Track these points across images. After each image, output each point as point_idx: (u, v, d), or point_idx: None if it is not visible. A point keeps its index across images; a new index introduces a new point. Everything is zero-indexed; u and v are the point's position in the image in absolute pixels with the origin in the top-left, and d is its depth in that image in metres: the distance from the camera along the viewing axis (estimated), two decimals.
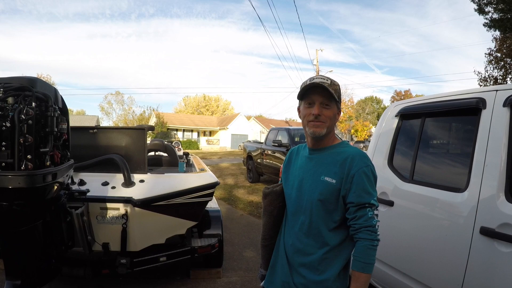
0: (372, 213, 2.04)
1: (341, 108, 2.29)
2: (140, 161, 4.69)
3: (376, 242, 2.02)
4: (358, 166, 2.08)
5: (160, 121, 54.97)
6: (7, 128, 2.63)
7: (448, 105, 3.25)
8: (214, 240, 5.19)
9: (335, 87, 2.18)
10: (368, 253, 2.01)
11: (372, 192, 2.07)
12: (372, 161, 3.81)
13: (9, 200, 2.74)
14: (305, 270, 2.17)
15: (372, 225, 2.01)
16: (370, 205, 2.04)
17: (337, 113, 2.23)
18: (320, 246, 2.15)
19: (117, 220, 4.14)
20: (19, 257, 3.26)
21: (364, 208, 2.04)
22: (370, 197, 2.05)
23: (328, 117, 2.16)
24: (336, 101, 2.18)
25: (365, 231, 2.01)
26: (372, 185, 2.10)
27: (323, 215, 2.15)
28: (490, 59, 26.06)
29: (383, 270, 3.57)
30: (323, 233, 2.15)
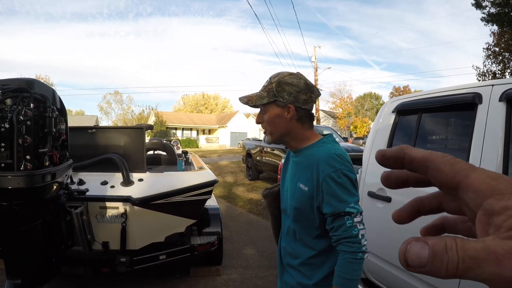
0: (352, 222, 1.79)
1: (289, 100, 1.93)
2: (138, 160, 4.71)
3: (361, 255, 1.78)
4: (324, 172, 1.85)
5: (159, 120, 54.89)
6: (6, 129, 2.65)
7: (444, 100, 3.26)
8: (213, 238, 5.21)
9: (271, 85, 1.95)
10: (349, 267, 1.79)
11: (346, 198, 1.81)
12: (369, 157, 3.85)
13: (9, 200, 2.76)
14: (293, 271, 2.10)
15: (352, 236, 1.78)
16: (346, 213, 1.79)
17: (283, 111, 1.95)
18: (306, 251, 2.02)
19: (117, 219, 4.16)
20: (19, 257, 3.27)
21: (340, 217, 1.81)
22: (344, 205, 1.80)
23: (268, 122, 1.99)
24: (272, 100, 1.94)
25: (345, 242, 1.80)
26: (346, 190, 1.83)
27: (304, 223, 2.01)
28: (488, 54, 26.07)
29: (382, 267, 3.59)
30: (306, 240, 2.02)
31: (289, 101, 1.92)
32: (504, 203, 0.34)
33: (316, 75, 35.50)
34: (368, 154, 3.95)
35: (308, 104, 1.97)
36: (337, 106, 63.47)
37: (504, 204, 0.34)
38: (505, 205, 0.34)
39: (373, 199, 3.67)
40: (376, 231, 3.68)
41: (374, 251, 3.68)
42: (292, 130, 1.99)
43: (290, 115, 1.94)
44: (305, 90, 1.94)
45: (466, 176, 0.38)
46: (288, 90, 1.92)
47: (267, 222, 8.62)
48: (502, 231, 0.33)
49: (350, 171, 1.87)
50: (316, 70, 35.71)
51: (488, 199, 0.36)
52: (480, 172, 0.38)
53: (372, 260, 3.71)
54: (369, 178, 3.83)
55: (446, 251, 0.33)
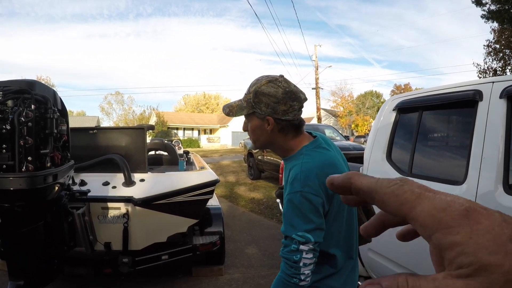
0: (297, 247, 1.66)
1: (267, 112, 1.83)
2: (140, 161, 4.71)
3: (295, 280, 1.66)
4: (287, 191, 1.78)
5: (160, 120, 54.92)
6: (7, 130, 2.65)
7: (445, 98, 3.26)
8: (215, 237, 5.21)
9: (248, 95, 1.88)
10: (278, 286, 1.73)
11: (297, 224, 1.70)
12: (371, 155, 3.85)
13: (11, 201, 2.77)
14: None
15: (291, 260, 1.67)
16: (290, 237, 1.69)
17: (262, 123, 1.88)
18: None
19: (119, 219, 4.16)
20: (21, 258, 3.28)
21: (289, 239, 1.70)
22: (292, 231, 1.69)
23: (251, 132, 1.96)
24: (251, 111, 1.89)
25: (285, 262, 1.70)
26: (299, 215, 1.71)
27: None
28: (489, 51, 26.11)
29: (383, 264, 3.58)
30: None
31: (267, 113, 1.83)
32: (451, 238, 0.34)
33: (317, 74, 35.48)
34: (369, 152, 3.95)
35: (288, 115, 1.84)
36: (338, 104, 63.39)
37: (451, 239, 0.34)
38: (453, 241, 0.33)
39: None
40: None
41: (376, 249, 3.68)
42: (275, 141, 1.92)
43: (270, 127, 1.86)
44: (283, 100, 1.81)
45: (411, 209, 0.37)
46: (265, 102, 1.82)
47: (269, 221, 8.63)
48: (453, 268, 0.33)
49: (313, 194, 1.71)
50: (317, 69, 35.65)
51: (435, 233, 0.35)
52: (426, 203, 0.37)
53: (374, 258, 3.71)
54: None
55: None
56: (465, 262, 0.32)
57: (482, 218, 0.34)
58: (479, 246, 0.32)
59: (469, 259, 0.32)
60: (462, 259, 0.32)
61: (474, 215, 0.34)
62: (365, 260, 3.87)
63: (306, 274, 1.66)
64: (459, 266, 0.32)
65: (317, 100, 35.87)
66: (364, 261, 3.91)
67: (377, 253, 3.65)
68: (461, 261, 0.32)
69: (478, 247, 0.32)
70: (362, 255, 3.90)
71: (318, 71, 35.73)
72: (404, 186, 0.39)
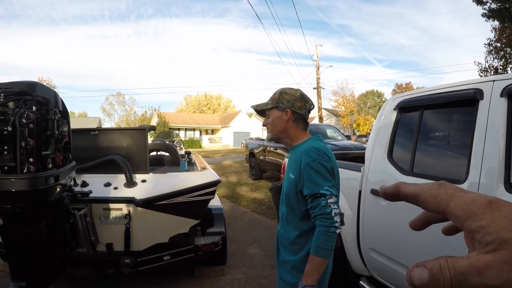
0: (326, 202, 2.18)
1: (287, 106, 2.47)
2: (141, 161, 4.72)
3: (333, 229, 2.16)
4: (305, 162, 2.27)
5: (162, 121, 54.98)
6: (9, 132, 2.66)
7: (445, 97, 3.25)
8: (217, 237, 5.21)
9: (274, 95, 2.53)
10: (322, 238, 2.16)
11: (321, 182, 2.21)
12: (372, 155, 3.85)
13: (12, 203, 2.77)
14: (283, 250, 2.54)
15: (326, 213, 2.17)
16: (321, 194, 2.19)
17: (282, 114, 2.48)
18: (293, 232, 2.43)
19: (120, 220, 4.17)
20: (23, 259, 3.29)
21: (317, 198, 2.20)
22: (319, 188, 2.19)
23: (270, 123, 2.53)
24: (274, 106, 2.50)
25: (320, 218, 2.18)
26: (321, 176, 2.23)
27: (292, 206, 2.43)
28: (490, 49, 26.11)
29: (386, 264, 3.58)
30: (294, 222, 2.43)
31: (287, 106, 2.46)
32: (478, 223, 0.43)
33: (318, 73, 35.46)
34: (370, 152, 3.94)
35: (302, 110, 2.49)
36: (339, 104, 63.44)
37: (478, 224, 0.43)
38: (479, 225, 0.43)
39: (376, 196, 3.66)
40: (379, 229, 3.68)
41: (378, 249, 3.68)
42: (288, 130, 2.50)
43: (287, 117, 2.47)
44: (300, 99, 2.49)
45: (446, 206, 0.47)
46: (286, 98, 2.47)
47: (271, 222, 8.64)
48: (482, 247, 0.42)
49: (325, 161, 2.27)
50: (318, 68, 35.59)
51: (466, 221, 0.45)
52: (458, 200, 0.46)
53: (376, 258, 3.70)
54: (372, 176, 3.82)
55: (441, 271, 0.42)
56: (490, 239, 0.41)
57: (502, 207, 0.43)
58: (500, 227, 0.42)
59: (492, 237, 0.41)
60: (487, 238, 0.42)
61: (496, 205, 0.44)
62: (367, 259, 3.87)
63: (338, 222, 2.19)
64: (486, 244, 0.42)
65: (319, 100, 35.83)
66: (366, 260, 3.91)
67: (379, 252, 3.65)
68: (486, 239, 0.42)
69: (499, 227, 0.42)
70: (364, 254, 3.90)
71: (320, 70, 35.70)
72: (440, 189, 0.49)
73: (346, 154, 8.65)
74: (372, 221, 3.78)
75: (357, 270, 4.15)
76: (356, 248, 4.02)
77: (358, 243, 3.98)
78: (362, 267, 4.03)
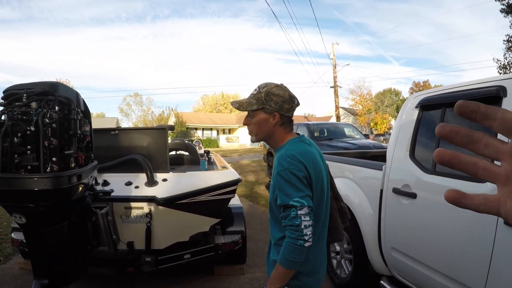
0: (296, 213, 2.08)
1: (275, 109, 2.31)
2: (162, 161, 4.75)
3: (301, 242, 2.07)
4: (276, 170, 2.22)
5: (179, 121, 55.13)
6: (32, 132, 2.70)
7: (468, 94, 3.21)
8: (237, 236, 5.21)
9: (259, 94, 2.32)
10: (288, 250, 2.10)
11: (290, 193, 2.12)
12: (394, 153, 3.82)
13: (36, 201, 2.81)
14: (273, 250, 2.49)
15: (294, 225, 2.08)
16: (291, 205, 2.10)
17: (269, 117, 2.32)
18: (278, 233, 2.36)
19: (141, 219, 4.20)
20: (46, 257, 3.32)
21: (287, 209, 2.13)
22: (288, 199, 2.11)
23: (254, 124, 2.36)
24: (260, 107, 2.31)
25: (289, 229, 2.10)
26: (291, 186, 2.14)
27: (273, 210, 2.39)
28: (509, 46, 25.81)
29: (407, 264, 3.55)
30: (277, 225, 2.35)
31: (275, 109, 2.30)
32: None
33: (335, 72, 35.29)
34: (392, 150, 3.91)
35: (290, 112, 2.37)
36: (356, 103, 63.16)
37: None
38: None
39: (397, 195, 3.64)
40: (400, 228, 3.66)
41: (399, 248, 3.66)
42: (274, 133, 2.37)
43: (275, 121, 2.32)
44: (288, 100, 2.34)
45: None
46: (274, 100, 2.30)
47: None
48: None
49: (297, 170, 2.15)
50: (335, 67, 35.42)
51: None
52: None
53: (397, 257, 3.68)
54: (394, 175, 3.79)
55: None
56: None
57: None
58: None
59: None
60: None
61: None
62: (388, 259, 3.84)
63: (308, 235, 2.08)
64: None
65: (336, 99, 35.71)
66: (387, 260, 3.88)
67: (401, 252, 3.62)
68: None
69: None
70: (385, 254, 3.88)
71: (336, 69, 35.53)
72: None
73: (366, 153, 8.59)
74: (393, 220, 3.75)
75: (378, 270, 4.12)
76: (377, 247, 3.99)
77: (379, 243, 3.95)
78: (383, 266, 4.01)
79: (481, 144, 0.50)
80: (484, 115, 0.49)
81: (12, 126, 2.69)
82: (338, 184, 4.79)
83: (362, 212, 4.23)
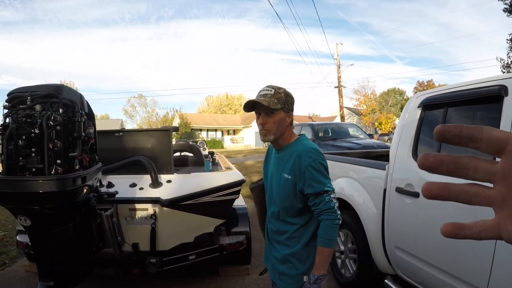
0: (329, 197, 2.35)
1: (290, 109, 2.53)
2: (166, 162, 4.76)
3: (337, 221, 2.34)
4: (305, 163, 2.38)
5: (183, 122, 55.12)
6: (36, 134, 2.71)
7: (469, 93, 3.22)
8: (242, 237, 5.22)
9: (279, 95, 2.45)
10: (330, 231, 2.33)
11: (323, 180, 2.37)
12: (396, 153, 3.83)
13: (41, 204, 2.83)
14: (279, 246, 2.64)
15: (330, 208, 2.34)
16: (325, 191, 2.34)
17: (286, 117, 2.49)
18: (291, 227, 2.56)
19: (146, 220, 4.21)
20: (51, 259, 3.34)
21: (320, 195, 2.35)
22: (323, 186, 2.35)
23: (273, 123, 2.46)
24: (281, 107, 2.43)
25: (326, 213, 2.34)
26: (322, 174, 2.39)
27: (285, 205, 2.54)
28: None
29: (411, 262, 3.55)
30: (287, 219, 2.57)
31: (290, 109, 2.52)
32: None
33: (339, 72, 35.22)
34: (395, 149, 3.92)
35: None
36: (361, 102, 63.11)
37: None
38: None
39: (401, 194, 3.64)
40: (404, 227, 3.66)
41: (403, 247, 3.66)
42: (285, 131, 2.54)
43: (289, 120, 2.53)
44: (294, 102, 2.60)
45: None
46: (290, 101, 2.52)
47: None
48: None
49: (323, 160, 2.44)
50: (339, 67, 35.33)
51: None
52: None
53: (401, 256, 3.68)
54: (397, 174, 3.79)
55: None
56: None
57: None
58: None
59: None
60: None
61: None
62: (392, 258, 3.85)
63: (339, 214, 2.38)
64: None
65: (340, 99, 35.67)
66: (391, 259, 3.88)
67: (405, 251, 3.62)
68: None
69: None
70: (389, 253, 3.88)
71: (340, 69, 35.48)
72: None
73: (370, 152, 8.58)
74: (397, 219, 3.75)
75: (382, 269, 4.12)
76: (381, 246, 4.00)
77: (383, 242, 3.96)
78: (387, 265, 4.01)
79: (470, 170, 0.50)
80: (468, 138, 0.48)
81: (16, 128, 2.71)
82: (342, 183, 4.80)
83: (366, 211, 4.23)
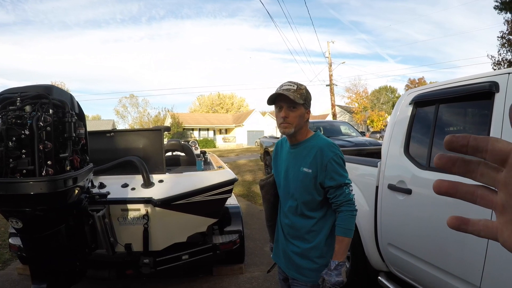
0: (348, 190, 2.52)
1: (309, 106, 2.67)
2: (158, 162, 4.74)
3: (355, 212, 2.51)
4: (328, 156, 2.52)
5: (175, 122, 55.12)
6: (26, 135, 2.69)
7: (461, 90, 3.23)
8: (235, 236, 5.22)
9: (301, 91, 2.56)
10: (349, 221, 2.48)
11: (343, 173, 2.54)
12: (388, 150, 3.84)
13: (32, 205, 2.80)
14: (297, 241, 2.71)
15: (350, 199, 2.50)
16: (345, 184, 2.51)
17: (305, 113, 2.62)
18: (309, 221, 2.65)
19: (139, 220, 4.20)
20: (44, 262, 3.32)
21: (341, 187, 2.50)
22: (344, 178, 2.52)
23: (295, 117, 2.57)
24: (303, 103, 2.55)
25: (346, 204, 2.49)
26: (342, 167, 2.56)
27: (305, 199, 2.62)
28: (503, 42, 25.87)
29: (404, 259, 3.56)
30: (306, 213, 2.65)
31: (309, 106, 2.65)
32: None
33: (330, 70, 35.30)
34: (387, 147, 3.93)
35: None
36: (352, 100, 63.21)
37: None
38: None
39: (393, 191, 3.65)
40: (397, 224, 3.67)
41: (396, 244, 3.67)
42: (303, 127, 2.66)
43: (307, 116, 2.66)
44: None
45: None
46: (309, 98, 2.64)
47: None
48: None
49: (342, 155, 2.61)
50: (331, 65, 35.41)
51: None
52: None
53: (394, 253, 3.69)
54: (389, 171, 3.80)
55: None
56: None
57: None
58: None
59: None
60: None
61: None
62: (385, 254, 3.86)
63: (356, 205, 2.55)
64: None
65: (332, 97, 35.77)
66: (384, 255, 3.90)
67: (398, 247, 3.64)
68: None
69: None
70: (382, 250, 3.89)
71: (332, 67, 35.54)
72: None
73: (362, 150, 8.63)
74: (389, 216, 3.77)
75: (376, 266, 4.14)
76: (374, 243, 4.01)
77: (376, 239, 3.97)
78: (380, 262, 4.02)
79: (477, 174, 0.52)
80: (474, 148, 0.51)
81: (6, 130, 2.68)
82: None
83: (359, 209, 4.20)
